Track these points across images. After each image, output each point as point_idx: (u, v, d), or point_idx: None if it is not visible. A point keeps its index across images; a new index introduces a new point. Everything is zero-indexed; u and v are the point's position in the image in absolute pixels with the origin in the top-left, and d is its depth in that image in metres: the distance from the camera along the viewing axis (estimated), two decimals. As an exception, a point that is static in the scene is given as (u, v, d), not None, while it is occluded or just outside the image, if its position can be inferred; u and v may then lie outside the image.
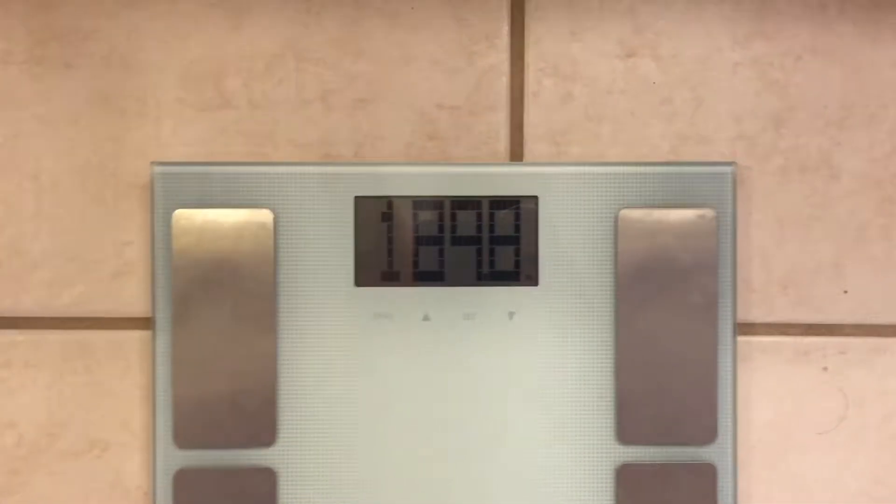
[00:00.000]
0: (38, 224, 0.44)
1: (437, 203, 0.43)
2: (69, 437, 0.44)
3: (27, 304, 0.44)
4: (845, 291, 0.44)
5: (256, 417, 0.42)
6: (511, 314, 0.43)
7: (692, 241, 0.43)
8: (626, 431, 0.43)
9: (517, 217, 0.43)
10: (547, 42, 0.44)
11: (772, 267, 0.44)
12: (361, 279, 0.43)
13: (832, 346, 0.45)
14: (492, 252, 0.43)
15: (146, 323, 0.44)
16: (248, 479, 0.42)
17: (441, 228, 0.43)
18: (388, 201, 0.43)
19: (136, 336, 0.44)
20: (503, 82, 0.44)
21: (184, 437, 0.42)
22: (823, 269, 0.45)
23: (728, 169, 0.43)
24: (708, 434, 0.43)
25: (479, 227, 0.43)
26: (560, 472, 0.43)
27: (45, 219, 0.44)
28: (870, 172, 0.44)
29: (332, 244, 0.43)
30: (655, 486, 0.42)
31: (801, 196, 0.45)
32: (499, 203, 0.43)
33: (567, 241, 0.43)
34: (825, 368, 0.45)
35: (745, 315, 0.44)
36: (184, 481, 0.42)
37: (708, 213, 0.43)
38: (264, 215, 0.42)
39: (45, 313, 0.44)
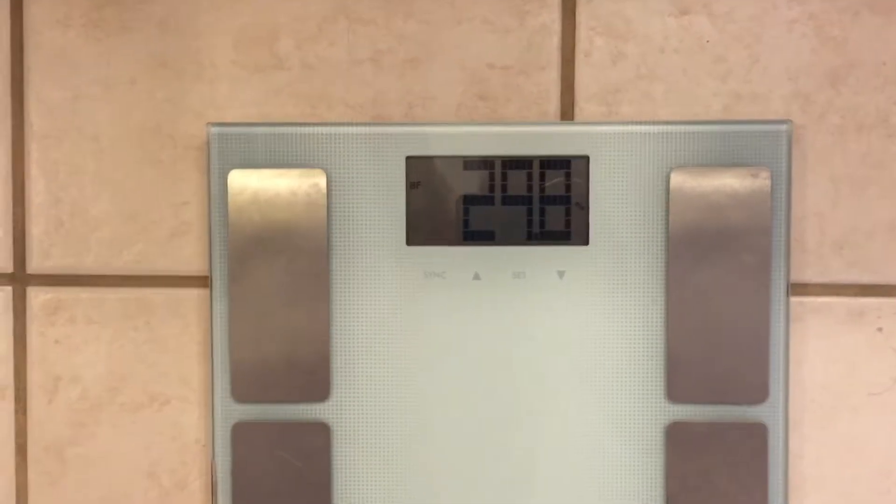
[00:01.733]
0: (98, 185, 0.45)
1: (487, 163, 0.43)
2: (130, 392, 0.45)
3: (89, 263, 0.45)
4: (902, 252, 0.44)
5: (310, 373, 0.43)
6: (561, 273, 0.43)
7: (745, 201, 0.42)
8: (676, 390, 0.43)
9: (568, 177, 0.43)
10: (598, 0, 0.44)
11: (826, 227, 0.44)
12: (413, 238, 0.43)
13: (887, 306, 0.44)
14: (542, 211, 0.43)
15: (203, 281, 0.45)
16: (303, 432, 0.43)
17: (492, 188, 0.43)
18: (439, 161, 0.43)
19: (193, 294, 0.45)
20: (554, 41, 0.44)
21: (241, 391, 0.43)
22: (879, 229, 0.44)
23: (783, 127, 0.43)
24: (759, 394, 0.42)
25: (529, 187, 0.43)
26: (610, 429, 0.43)
27: (104, 180, 0.45)
28: (929, 131, 0.44)
29: (384, 204, 0.43)
30: (706, 445, 0.43)
31: (857, 155, 0.44)
32: (550, 162, 0.43)
33: (618, 201, 0.43)
34: (880, 329, 0.44)
35: (798, 276, 0.44)
36: (241, 434, 0.43)
37: (762, 172, 0.42)
38: (317, 175, 0.43)
39: (106, 271, 0.45)
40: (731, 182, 0.42)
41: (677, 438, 0.43)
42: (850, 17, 0.43)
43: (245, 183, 0.43)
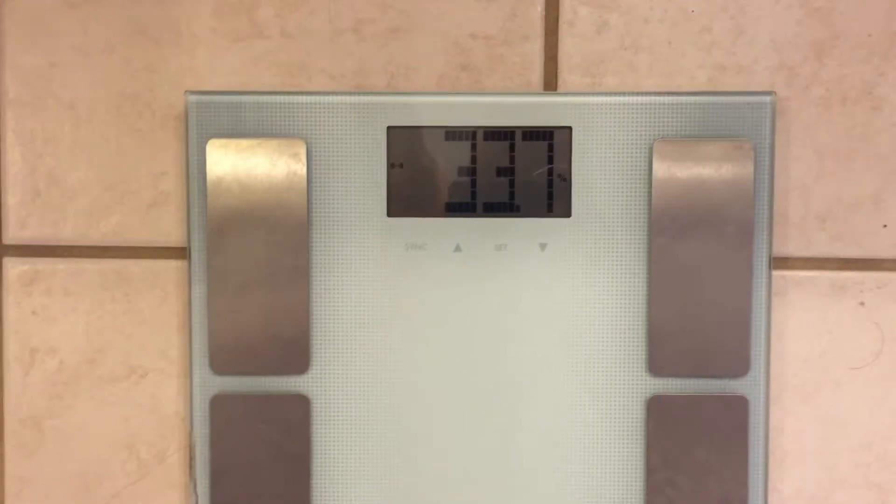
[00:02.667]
0: (75, 154, 0.45)
1: (469, 133, 0.43)
2: (108, 364, 0.45)
3: (66, 234, 0.45)
4: (885, 226, 0.44)
5: (290, 345, 0.43)
6: (543, 245, 0.43)
7: (729, 173, 0.42)
8: (657, 363, 0.42)
9: (550, 148, 0.43)
10: (583, -31, 0.44)
11: (810, 200, 0.44)
12: (394, 210, 0.43)
13: (870, 280, 0.44)
14: (524, 183, 0.43)
15: (182, 253, 0.45)
16: (283, 404, 0.43)
17: (474, 159, 0.43)
18: (421, 131, 0.43)
19: (172, 265, 0.45)
20: (537, 11, 0.44)
21: (219, 363, 0.43)
22: (863, 202, 0.44)
23: (767, 99, 0.42)
24: (740, 367, 0.42)
25: (511, 158, 0.43)
26: (591, 402, 0.43)
27: (81, 149, 0.45)
28: (914, 104, 0.43)
29: (365, 174, 0.43)
30: (686, 418, 0.42)
31: (841, 128, 0.44)
32: (532, 133, 0.43)
33: (601, 173, 0.43)
34: (862, 303, 0.44)
35: (781, 249, 0.44)
36: (220, 406, 0.43)
37: (745, 144, 0.42)
38: (297, 145, 0.42)
39: (83, 242, 0.45)
40: (714, 154, 0.42)
41: (658, 411, 0.43)
42: (837, -11, 0.43)
43: (224, 152, 0.42)
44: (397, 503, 0.43)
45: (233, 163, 0.42)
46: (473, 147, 0.43)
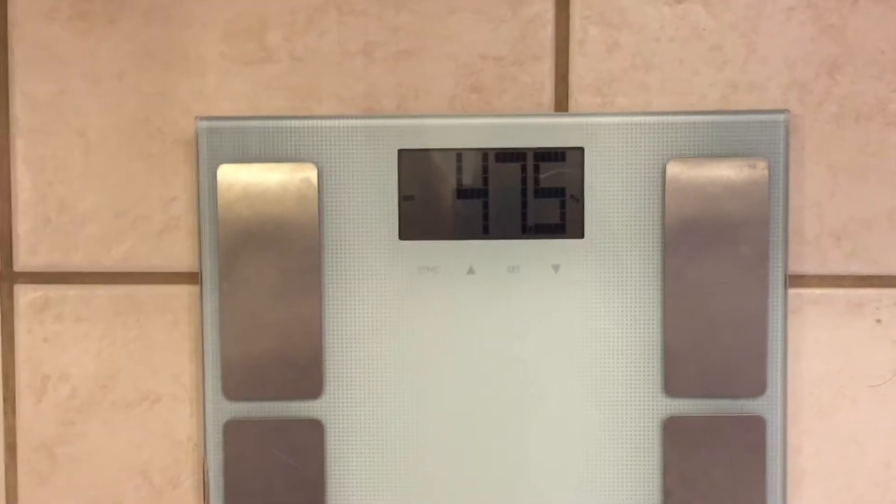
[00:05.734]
0: (86, 180, 0.45)
1: (481, 155, 0.42)
2: (121, 390, 0.45)
3: (77, 260, 0.45)
4: (901, 242, 0.43)
5: (303, 370, 0.43)
6: (556, 267, 0.43)
7: (743, 192, 0.42)
8: (673, 384, 0.42)
9: (563, 168, 0.42)
10: (593, -11, 0.43)
11: (825, 218, 0.43)
12: (406, 233, 0.43)
13: (887, 297, 0.44)
14: (537, 204, 0.42)
15: (193, 278, 0.44)
16: (296, 429, 0.43)
17: (486, 181, 0.42)
18: (432, 154, 0.43)
19: (184, 291, 0.45)
20: (548, 31, 0.44)
21: (232, 388, 0.43)
22: (878, 219, 0.43)
23: (780, 117, 0.42)
24: (757, 386, 0.42)
25: (523, 180, 0.42)
26: (606, 424, 0.43)
27: (92, 175, 0.45)
28: (928, 120, 0.43)
29: (377, 198, 0.43)
30: (703, 439, 0.42)
31: (855, 145, 0.43)
32: (544, 155, 0.42)
33: (613, 193, 0.42)
34: (879, 321, 0.44)
35: (796, 267, 0.43)
36: (233, 432, 0.43)
37: (759, 163, 0.42)
38: (308, 169, 0.42)
39: (94, 268, 0.45)
40: (728, 173, 0.42)
41: (674, 433, 0.42)
42: (849, 5, 0.43)
43: (235, 177, 0.42)
44: (413, 528, 0.43)
45: (244, 187, 0.42)
46: (485, 169, 0.42)
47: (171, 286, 0.45)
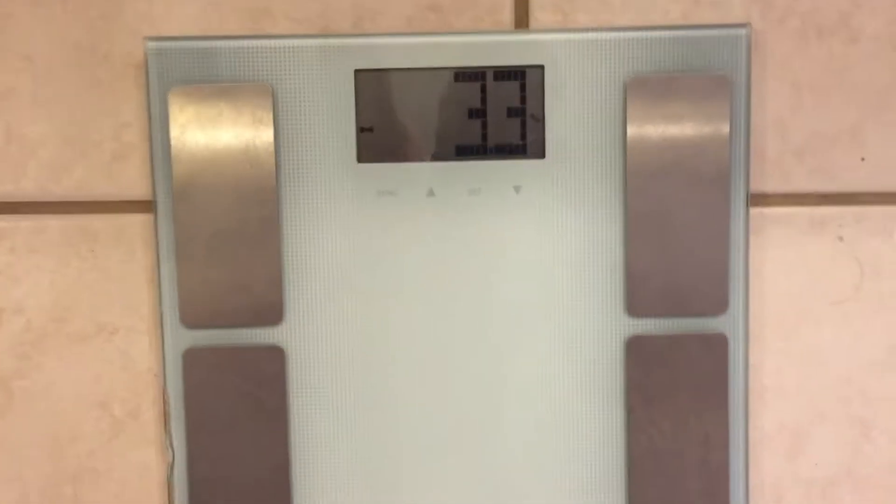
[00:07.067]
0: (34, 107, 0.43)
1: (439, 75, 0.41)
2: (77, 322, 0.44)
3: (28, 189, 0.44)
4: (863, 159, 0.43)
5: (262, 296, 0.42)
6: (517, 188, 0.42)
7: (704, 109, 0.41)
8: (635, 304, 0.42)
9: (522, 88, 0.42)
10: None
11: (787, 135, 0.43)
12: (364, 155, 0.42)
13: (849, 215, 0.43)
14: (497, 124, 0.42)
15: (148, 206, 0.43)
16: (257, 357, 0.42)
17: (444, 101, 0.42)
18: (390, 74, 0.42)
19: (138, 219, 0.44)
20: (506, -53, 0.43)
21: (190, 317, 0.42)
22: (841, 136, 0.43)
23: (742, 32, 0.41)
24: (719, 305, 0.42)
25: (483, 99, 0.42)
26: (569, 345, 0.43)
27: (41, 102, 0.43)
28: (891, 35, 0.42)
29: (333, 120, 0.42)
30: (666, 358, 0.42)
31: (818, 60, 0.43)
32: (503, 73, 0.41)
33: (574, 112, 0.42)
34: (841, 238, 0.44)
35: (759, 185, 0.43)
36: (192, 361, 0.42)
37: (721, 78, 0.41)
38: (263, 91, 0.41)
39: (45, 198, 0.44)
40: (689, 89, 0.41)
41: (637, 352, 0.42)
42: (811, -83, 0.42)
43: (186, 101, 0.41)
44: (375, 452, 0.43)
45: (196, 111, 0.41)
46: (444, 89, 0.42)
47: (125, 215, 0.44)
